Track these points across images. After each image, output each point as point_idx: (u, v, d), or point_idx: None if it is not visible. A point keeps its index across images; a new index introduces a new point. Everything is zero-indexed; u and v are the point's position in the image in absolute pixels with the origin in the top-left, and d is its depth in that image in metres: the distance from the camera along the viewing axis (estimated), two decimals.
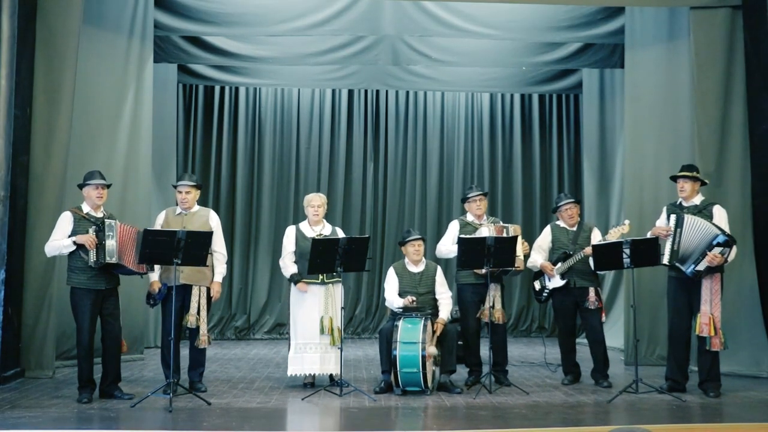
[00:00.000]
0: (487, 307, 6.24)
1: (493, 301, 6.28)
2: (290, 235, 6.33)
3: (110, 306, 5.65)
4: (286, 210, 10.35)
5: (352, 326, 10.32)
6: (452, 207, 10.64)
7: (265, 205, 10.35)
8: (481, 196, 6.48)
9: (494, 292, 6.30)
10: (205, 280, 5.91)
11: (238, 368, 7.33)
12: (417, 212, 10.61)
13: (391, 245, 10.31)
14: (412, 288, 6.29)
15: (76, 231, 5.57)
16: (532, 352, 8.69)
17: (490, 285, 6.25)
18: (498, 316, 6.29)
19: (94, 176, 5.76)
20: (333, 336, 6.12)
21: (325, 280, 6.20)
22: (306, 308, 6.19)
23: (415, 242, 6.35)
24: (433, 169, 10.69)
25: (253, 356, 8.29)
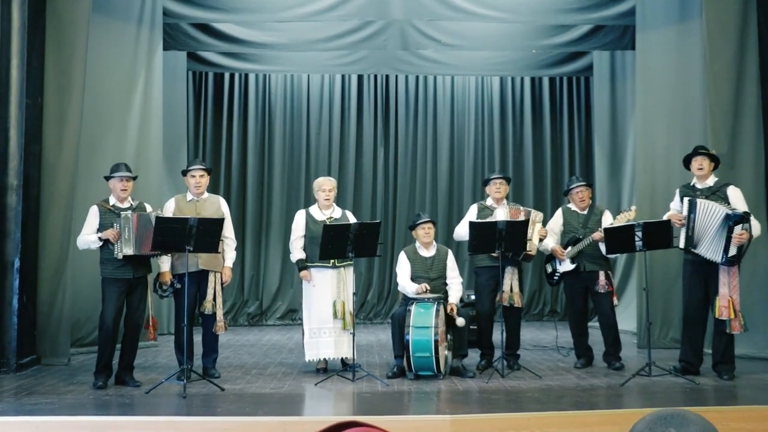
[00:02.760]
0: (506, 290, 6.23)
1: (510, 284, 6.28)
2: (300, 219, 6.32)
3: (137, 295, 5.68)
4: (296, 196, 10.38)
5: (364, 311, 10.38)
6: (463, 191, 10.66)
7: (276, 191, 10.40)
8: (501, 179, 6.48)
9: (511, 275, 6.29)
10: (220, 266, 5.96)
11: (251, 354, 7.35)
12: (428, 197, 10.62)
13: (401, 230, 10.34)
14: (424, 272, 6.26)
15: (103, 224, 5.64)
16: (544, 335, 8.68)
17: (506, 268, 6.25)
18: (517, 299, 6.27)
19: (120, 168, 5.78)
20: (345, 320, 6.12)
21: (337, 263, 6.18)
22: (319, 292, 6.19)
23: (425, 225, 6.33)
24: (444, 153, 10.69)
25: (266, 342, 8.34)
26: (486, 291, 6.37)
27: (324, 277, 6.20)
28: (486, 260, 6.34)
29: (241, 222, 10.03)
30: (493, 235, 5.92)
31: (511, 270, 6.28)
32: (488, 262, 6.31)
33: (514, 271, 6.31)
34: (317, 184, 6.39)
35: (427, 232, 6.32)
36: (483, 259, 6.37)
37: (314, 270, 6.23)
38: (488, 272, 6.33)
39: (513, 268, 6.31)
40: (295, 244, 6.26)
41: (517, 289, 6.29)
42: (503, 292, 6.24)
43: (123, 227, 5.52)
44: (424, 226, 6.34)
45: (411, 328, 5.77)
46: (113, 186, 5.72)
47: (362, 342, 8.07)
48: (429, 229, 6.33)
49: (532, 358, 6.90)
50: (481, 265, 6.42)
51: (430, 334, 5.74)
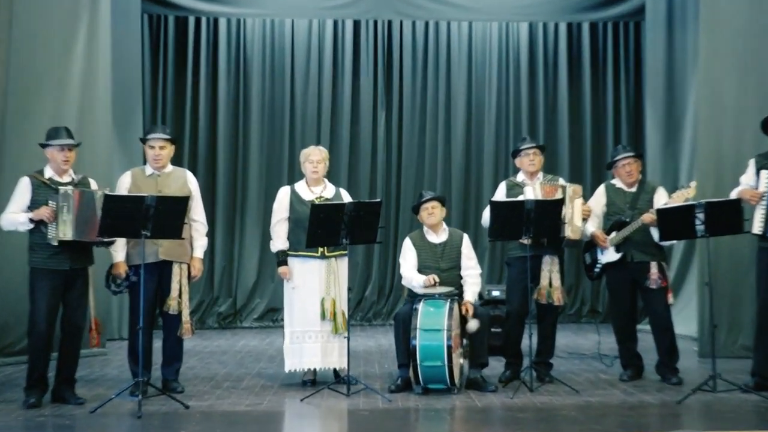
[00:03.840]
0: (544, 285, 6.24)
1: (549, 277, 6.27)
2: (283, 197, 6.29)
3: (76, 291, 5.62)
4: (278, 170, 10.35)
5: (361, 310, 10.33)
6: (482, 164, 10.63)
7: (254, 164, 10.34)
8: (535, 149, 6.44)
9: (549, 265, 6.28)
10: (186, 256, 5.95)
11: (222, 363, 7.31)
12: (440, 171, 10.58)
13: (408, 211, 10.10)
14: (433, 262, 6.23)
15: (35, 200, 5.53)
16: (582, 341, 8.66)
17: (544, 257, 6.25)
18: (557, 296, 6.26)
19: (60, 134, 5.71)
20: (336, 322, 6.12)
21: (327, 253, 6.17)
22: (304, 288, 6.16)
23: (428, 204, 6.32)
24: (459, 117, 10.61)
25: (241, 348, 8.30)
26: (518, 286, 6.31)
27: (310, 270, 6.16)
28: (517, 249, 6.34)
29: (211, 202, 9.94)
30: (518, 218, 5.87)
31: (549, 260, 6.26)
32: (520, 251, 6.27)
33: (554, 261, 6.28)
34: (303, 154, 6.38)
35: (430, 212, 6.29)
36: (514, 249, 6.39)
37: (298, 261, 6.20)
38: (521, 263, 6.24)
39: (552, 257, 6.28)
40: (277, 229, 6.22)
41: (557, 282, 6.26)
42: (540, 288, 6.24)
43: (61, 206, 5.43)
44: (427, 205, 6.32)
45: (418, 330, 5.72)
46: (52, 156, 5.63)
47: (358, 348, 8.00)
48: (433, 208, 6.30)
49: (567, 369, 6.87)
50: (513, 255, 6.43)
51: (441, 339, 5.68)
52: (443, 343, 5.68)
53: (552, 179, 6.49)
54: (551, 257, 6.28)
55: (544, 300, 6.25)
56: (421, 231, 6.41)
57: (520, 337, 6.38)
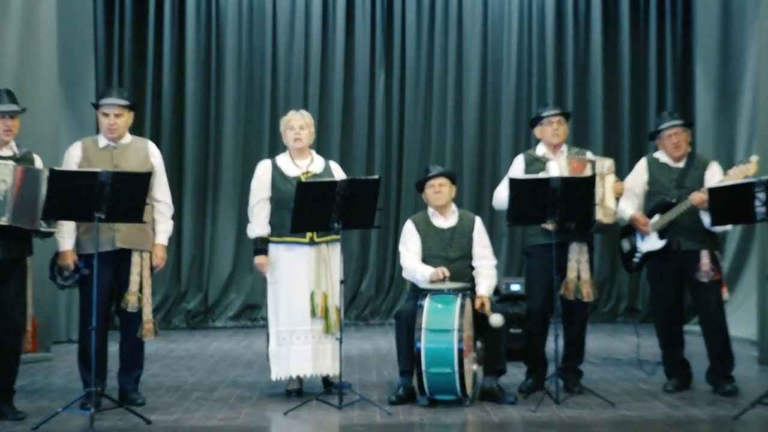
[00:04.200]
0: (571, 279, 6.25)
1: (578, 268, 6.29)
2: (263, 174, 6.31)
3: (11, 286, 5.60)
4: (258, 141, 10.40)
5: (355, 307, 10.41)
6: (499, 135, 10.67)
7: (228, 134, 10.37)
8: (559, 116, 6.47)
9: (577, 255, 6.30)
10: (148, 243, 5.96)
11: (190, 370, 7.36)
12: (449, 143, 10.61)
13: (411, 190, 10.17)
14: (441, 251, 6.24)
15: None
16: (618, 344, 8.69)
17: (571, 245, 6.27)
18: (586, 290, 6.26)
19: (0, 99, 5.74)
20: (328, 319, 6.15)
21: (316, 238, 6.19)
22: (290, 280, 6.18)
23: (434, 181, 6.32)
24: (473, 80, 10.61)
25: (213, 352, 8.34)
26: (540, 279, 6.34)
27: (297, 258, 6.18)
28: (540, 236, 6.33)
29: (177, 179, 9.90)
30: (542, 198, 5.88)
31: (577, 248, 6.29)
32: (543, 238, 6.28)
33: (583, 250, 6.31)
34: (283, 122, 6.42)
35: (437, 190, 6.30)
36: (536, 235, 6.39)
37: (283, 248, 6.22)
38: (544, 253, 6.24)
39: (581, 245, 6.31)
40: (256, 212, 6.25)
41: (586, 275, 6.28)
42: (566, 281, 6.26)
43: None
44: (434, 182, 6.32)
45: (424, 331, 5.75)
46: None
47: (353, 352, 8.06)
48: (441, 186, 6.31)
49: (600, 377, 6.90)
50: (534, 242, 6.43)
51: (451, 341, 5.70)
52: (453, 346, 5.68)
53: (579, 152, 6.51)
54: (579, 245, 6.29)
55: (571, 295, 6.26)
56: (426, 213, 6.40)
57: (543, 339, 6.42)
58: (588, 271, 6.29)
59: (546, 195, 5.88)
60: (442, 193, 6.30)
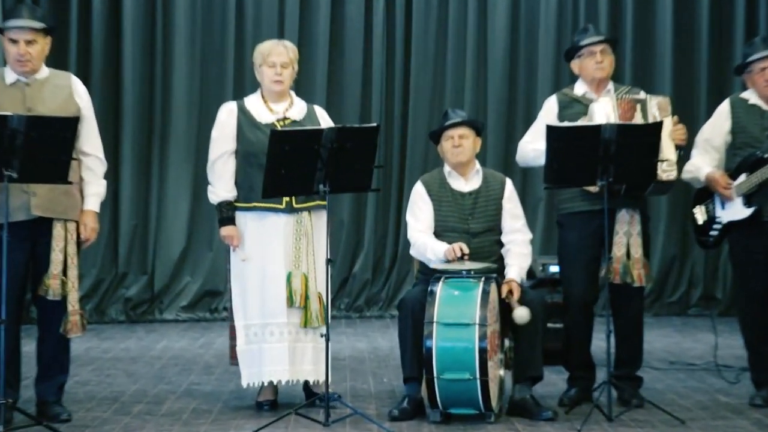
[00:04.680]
0: (617, 256, 6.17)
1: (627, 243, 6.21)
2: (226, 119, 6.23)
3: None
4: (219, 77, 10.36)
5: (347, 295, 10.44)
6: (535, 72, 10.61)
7: (180, 67, 10.31)
8: (603, 44, 6.41)
9: (627, 226, 6.21)
10: (74, 211, 5.88)
11: (131, 376, 7.29)
12: (468, 84, 10.51)
13: (419, 142, 10.27)
14: (460, 222, 6.19)
15: None
16: (690, 344, 8.67)
17: (619, 214, 6.17)
18: (638, 273, 6.19)
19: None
20: (308, 311, 6.09)
21: (295, 204, 6.11)
22: (260, 260, 6.15)
23: (454, 131, 6.26)
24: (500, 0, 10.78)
25: (161, 353, 8.30)
26: (580, 258, 6.31)
27: (270, 230, 6.14)
28: (578, 200, 6.30)
29: (113, 126, 9.93)
30: (591, 152, 5.79)
31: (628, 217, 6.22)
32: (582, 203, 6.27)
33: (634, 220, 6.24)
34: (260, 53, 6.31)
35: (457, 143, 6.24)
36: (573, 199, 6.34)
37: (251, 217, 6.16)
38: (584, 223, 6.26)
39: (632, 213, 6.24)
40: (219, 170, 6.17)
41: (638, 252, 6.21)
42: (612, 261, 6.18)
43: None
44: (453, 132, 6.26)
45: (436, 326, 5.69)
46: None
47: (343, 352, 8.06)
48: (462, 138, 6.25)
49: (666, 386, 6.86)
50: (571, 210, 6.39)
51: (471, 338, 5.65)
52: (474, 345, 5.62)
53: (631, 91, 6.44)
54: (630, 212, 6.22)
55: (617, 278, 6.18)
56: (442, 173, 6.36)
57: (587, 336, 6.41)
58: (640, 246, 6.23)
59: (596, 148, 5.76)
60: (464, 147, 6.23)
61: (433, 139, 6.47)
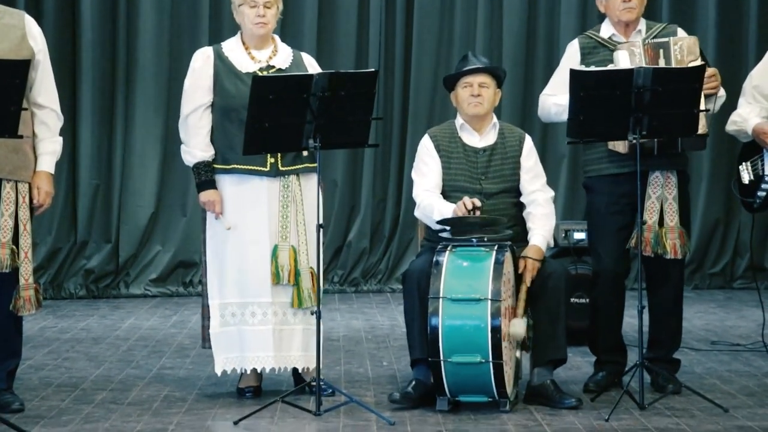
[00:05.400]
0: (649, 223, 6.18)
1: (660, 208, 6.24)
2: (202, 67, 6.20)
3: None
4: (193, 18, 10.43)
5: (341, 267, 10.61)
6: (557, 12, 10.63)
7: (147, 5, 10.36)
8: None
9: (662, 189, 6.24)
10: (26, 171, 5.86)
11: (93, 359, 7.35)
12: (480, 26, 10.58)
13: (424, 92, 10.35)
14: (472, 181, 6.23)
15: None
16: (735, 321, 8.82)
17: (653, 175, 6.21)
18: (671, 243, 6.22)
19: None
20: (299, 288, 6.13)
21: (281, 165, 6.11)
22: (242, 229, 6.15)
23: (473, 78, 6.24)
24: None
25: (127, 333, 8.41)
26: (610, 226, 6.33)
27: (253, 196, 6.18)
28: (606, 162, 6.31)
29: (70, 74, 10.09)
30: (622, 100, 5.77)
31: (662, 179, 6.27)
32: (611, 166, 6.28)
33: (670, 182, 6.27)
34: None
35: (476, 92, 6.22)
36: (600, 160, 6.35)
37: (230, 181, 6.18)
38: (613, 186, 6.29)
39: (667, 175, 6.27)
40: (193, 125, 6.17)
41: (673, 220, 6.25)
42: (643, 227, 6.17)
43: None
44: (473, 79, 6.24)
45: (443, 301, 5.73)
46: None
47: (337, 332, 8.16)
48: (483, 87, 6.24)
49: (707, 370, 6.94)
50: (598, 172, 6.40)
51: (483, 316, 5.69)
52: (486, 323, 5.66)
53: (665, 31, 6.45)
54: (665, 174, 6.27)
55: (648, 250, 6.22)
56: (453, 126, 6.37)
57: (618, 314, 6.44)
58: (676, 213, 6.27)
59: (628, 96, 5.75)
60: (483, 97, 6.22)
61: (447, 86, 6.44)
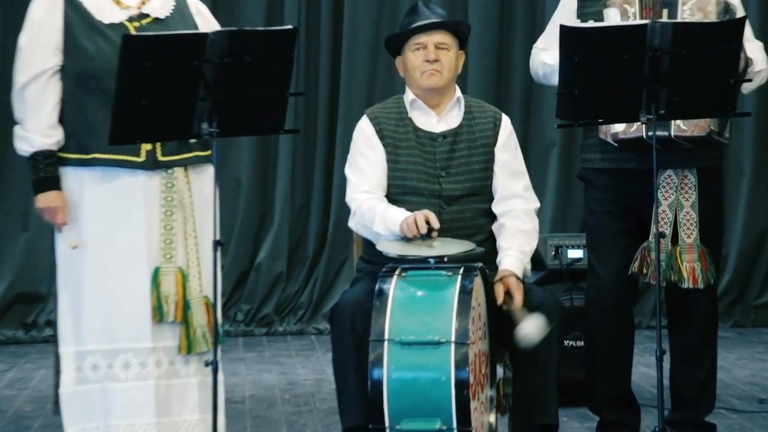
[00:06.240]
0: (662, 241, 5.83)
1: (674, 219, 6.04)
2: (45, 19, 5.73)
3: None
4: None
5: (247, 300, 10.26)
6: None
7: None
8: None
9: (676, 193, 6.09)
10: None
11: None
12: None
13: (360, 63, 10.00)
14: (427, 179, 5.91)
15: None
16: None
17: (664, 174, 6.04)
18: (689, 268, 5.95)
19: None
20: (190, 327, 5.72)
21: (161, 156, 5.71)
22: (107, 246, 5.69)
23: (427, 37, 5.93)
24: None
25: None
26: (607, 228, 6.27)
27: (124, 200, 5.74)
28: (599, 151, 6.19)
29: None
30: (631, 69, 5.48)
31: (676, 179, 6.14)
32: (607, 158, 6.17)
33: (687, 183, 6.13)
34: None
35: (433, 57, 5.91)
36: (600, 149, 6.20)
37: (92, 178, 5.74)
38: (618, 183, 6.12)
39: (683, 175, 6.12)
40: (31, 99, 5.79)
41: (691, 236, 6.11)
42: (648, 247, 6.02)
43: None
44: (426, 39, 5.94)
45: (389, 345, 5.44)
46: None
47: (243, 388, 8.11)
48: (440, 50, 5.93)
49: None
50: (594, 164, 6.24)
51: (444, 365, 5.42)
52: (448, 375, 5.38)
53: None
54: (680, 173, 6.13)
55: (655, 276, 5.94)
56: (401, 103, 6.03)
57: (625, 356, 6.32)
58: (695, 225, 6.17)
59: (639, 61, 5.43)
60: (442, 63, 5.89)
61: (391, 49, 6.12)
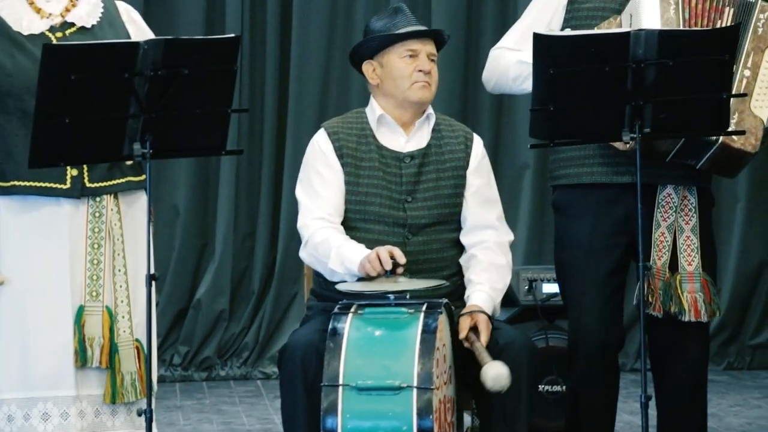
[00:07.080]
0: (657, 268, 5.98)
1: (672, 243, 6.08)
2: None
3: None
4: None
5: (185, 341, 10.47)
6: None
7: None
8: None
9: (676, 214, 6.14)
10: None
11: None
12: None
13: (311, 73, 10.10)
14: (392, 205, 6.03)
15: None
16: None
17: (664, 192, 6.07)
18: (691, 298, 6.02)
19: None
20: (117, 375, 5.90)
21: (88, 182, 5.80)
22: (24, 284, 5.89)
23: (421, 46, 6.17)
24: None
25: None
26: (596, 267, 6.26)
27: (47, 231, 5.95)
28: (589, 163, 6.28)
29: None
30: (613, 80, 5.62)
31: (677, 199, 6.22)
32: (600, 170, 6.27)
33: (688, 204, 6.26)
34: None
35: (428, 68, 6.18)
36: (579, 160, 6.31)
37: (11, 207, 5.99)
38: (601, 206, 6.21)
39: (684, 194, 6.20)
40: None
41: (692, 263, 6.15)
42: (649, 275, 6.02)
43: None
44: (419, 47, 6.17)
45: (344, 391, 5.57)
46: None
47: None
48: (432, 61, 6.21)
49: None
50: (577, 179, 6.28)
51: (406, 412, 5.61)
52: (411, 424, 5.54)
53: None
54: (681, 192, 6.20)
55: (658, 309, 6.16)
56: (363, 118, 6.17)
57: (607, 407, 6.44)
58: (697, 251, 6.24)
59: (622, 73, 5.54)
60: (432, 76, 6.15)
61: (361, 53, 6.29)
